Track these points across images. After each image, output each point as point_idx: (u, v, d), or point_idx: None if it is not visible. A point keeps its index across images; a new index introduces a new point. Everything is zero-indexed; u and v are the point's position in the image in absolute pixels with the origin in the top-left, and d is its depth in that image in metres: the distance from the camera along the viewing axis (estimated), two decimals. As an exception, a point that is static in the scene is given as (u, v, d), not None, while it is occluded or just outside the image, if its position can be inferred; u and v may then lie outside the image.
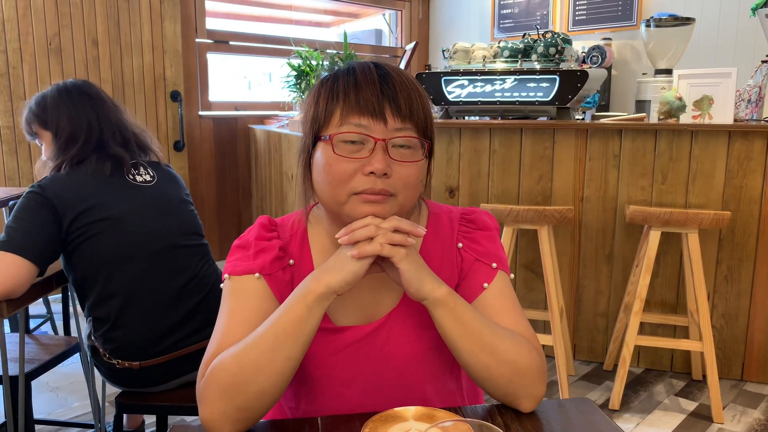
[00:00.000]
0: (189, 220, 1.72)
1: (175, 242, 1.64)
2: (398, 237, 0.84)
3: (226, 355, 0.83)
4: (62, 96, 1.65)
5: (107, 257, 1.55)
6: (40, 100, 1.66)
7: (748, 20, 3.50)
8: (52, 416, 2.29)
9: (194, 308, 1.63)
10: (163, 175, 1.72)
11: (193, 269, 1.65)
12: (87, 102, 1.65)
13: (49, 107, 1.64)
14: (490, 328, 0.87)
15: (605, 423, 0.86)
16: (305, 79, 3.45)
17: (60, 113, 1.63)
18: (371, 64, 0.89)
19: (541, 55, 2.78)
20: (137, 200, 1.61)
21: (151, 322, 1.58)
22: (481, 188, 2.79)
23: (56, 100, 1.64)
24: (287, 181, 3.41)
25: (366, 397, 0.93)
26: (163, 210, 1.65)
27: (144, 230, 1.59)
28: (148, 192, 1.64)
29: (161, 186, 1.69)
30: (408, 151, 0.87)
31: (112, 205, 1.56)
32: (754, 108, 2.68)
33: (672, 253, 2.63)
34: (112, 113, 1.68)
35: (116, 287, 1.56)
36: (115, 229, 1.55)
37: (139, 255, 1.57)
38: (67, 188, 1.53)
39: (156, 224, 1.61)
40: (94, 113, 1.64)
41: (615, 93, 4.18)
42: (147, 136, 1.77)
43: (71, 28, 3.52)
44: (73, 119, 1.62)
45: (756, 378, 2.61)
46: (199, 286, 1.65)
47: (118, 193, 1.59)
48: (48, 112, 1.64)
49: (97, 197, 1.55)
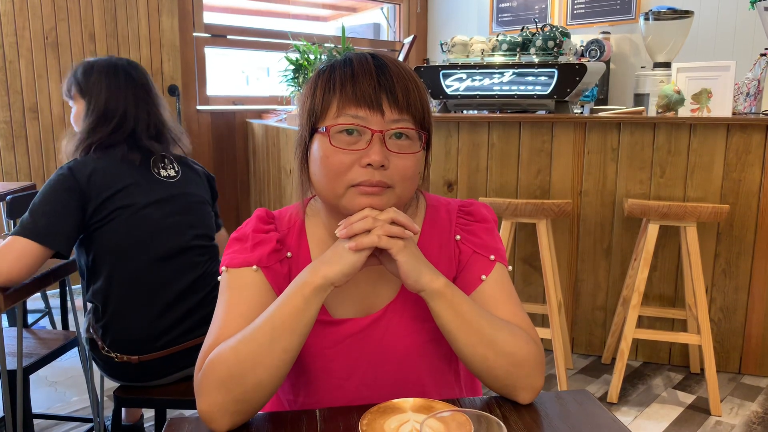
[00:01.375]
0: (204, 222, 1.72)
1: (187, 241, 1.63)
2: (396, 229, 0.84)
3: (223, 347, 0.83)
4: (109, 72, 1.63)
5: (120, 244, 1.55)
6: (88, 67, 1.64)
7: (746, 13, 3.49)
8: (51, 410, 2.29)
9: (196, 305, 1.63)
10: (188, 172, 1.72)
11: (200, 269, 1.65)
12: (130, 87, 1.64)
13: (93, 78, 1.62)
14: (488, 320, 0.87)
15: (603, 415, 0.86)
16: (303, 74, 3.44)
17: (101, 88, 1.61)
18: (368, 55, 0.89)
19: (539, 48, 2.77)
20: (159, 194, 1.61)
21: (153, 317, 1.58)
22: (480, 182, 2.79)
23: (102, 74, 1.63)
24: (285, 176, 3.41)
25: (364, 389, 0.93)
26: (182, 208, 1.65)
27: (160, 224, 1.59)
28: (171, 188, 1.64)
29: (184, 184, 1.68)
30: (405, 142, 0.86)
31: (135, 194, 1.57)
32: (752, 101, 2.67)
33: (670, 246, 2.63)
34: (151, 105, 1.67)
35: (123, 275, 1.56)
36: (133, 218, 1.55)
37: (151, 248, 1.57)
38: (96, 173, 1.53)
39: (172, 221, 1.61)
40: (133, 100, 1.63)
41: (613, 87, 4.17)
42: (181, 132, 1.76)
43: (68, 22, 3.51)
44: (110, 100, 1.61)
45: (753, 371, 2.61)
46: (203, 285, 1.66)
47: (142, 184, 1.59)
48: (90, 82, 1.62)
49: (123, 184, 1.55)
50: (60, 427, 2.20)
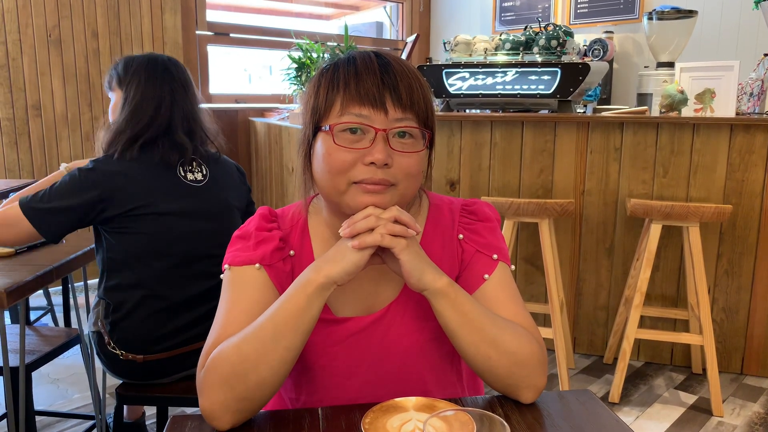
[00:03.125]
0: (228, 229, 1.70)
1: (209, 250, 1.62)
2: (398, 228, 0.84)
3: (226, 345, 0.83)
4: (149, 66, 1.64)
5: (139, 250, 1.55)
6: (129, 60, 1.66)
7: (750, 13, 3.48)
8: (53, 407, 2.30)
9: (208, 312, 1.63)
10: (217, 173, 1.69)
11: (216, 278, 1.64)
12: (167, 81, 1.63)
13: (132, 70, 1.63)
14: (491, 319, 0.87)
15: (606, 415, 0.86)
16: (306, 72, 3.44)
17: (139, 81, 1.62)
18: (372, 53, 0.89)
19: (542, 47, 2.77)
20: (183, 202, 1.59)
21: (164, 320, 1.58)
22: (482, 181, 2.79)
23: (142, 67, 1.63)
24: (288, 174, 3.41)
25: (366, 387, 0.93)
26: (206, 215, 1.63)
27: (184, 232, 1.58)
28: (196, 194, 1.62)
29: (211, 188, 1.66)
30: (409, 141, 0.86)
31: (159, 201, 1.55)
32: (756, 101, 2.67)
33: (673, 246, 2.62)
34: (187, 102, 1.66)
35: (140, 279, 1.56)
36: (154, 225, 1.55)
37: (172, 255, 1.57)
38: (120, 177, 1.52)
39: (195, 229, 1.60)
40: (169, 94, 1.62)
41: (616, 86, 4.17)
42: (217, 132, 1.76)
43: (71, 20, 3.51)
44: (147, 93, 1.61)
45: (756, 372, 2.61)
46: (218, 291, 1.64)
47: (166, 190, 1.57)
48: (129, 74, 1.63)
49: (147, 191, 1.54)
50: (62, 424, 2.20)
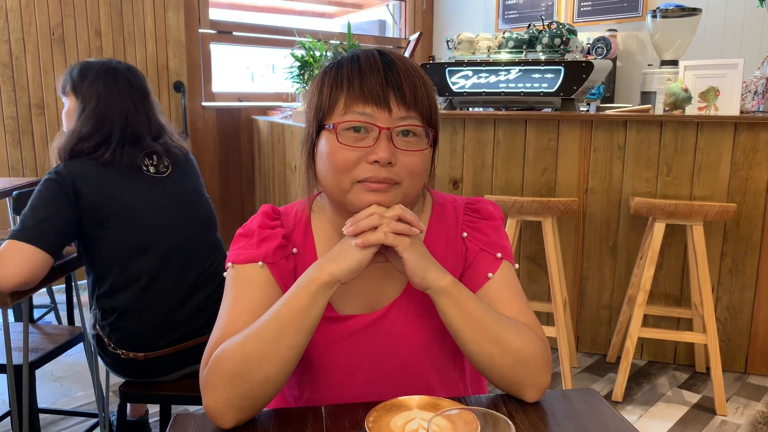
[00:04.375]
0: (204, 213, 1.70)
1: (189, 237, 1.63)
2: (402, 226, 0.83)
3: (229, 344, 0.83)
4: (108, 76, 1.60)
5: (121, 251, 1.54)
6: (85, 67, 1.62)
7: (755, 11, 3.47)
8: (56, 405, 2.30)
9: (203, 303, 1.63)
10: (179, 163, 1.69)
11: (204, 264, 1.65)
12: (128, 92, 1.62)
13: (90, 79, 1.59)
14: (495, 318, 0.87)
15: (610, 413, 0.86)
16: (308, 70, 3.44)
17: (98, 91, 1.58)
18: (375, 51, 0.89)
19: (545, 45, 2.76)
20: (152, 193, 1.59)
21: (160, 316, 1.58)
22: (485, 180, 2.78)
23: (100, 76, 1.60)
24: (290, 172, 3.40)
25: (369, 386, 0.93)
26: (179, 203, 1.64)
27: (159, 224, 1.58)
28: (164, 184, 1.62)
29: (177, 177, 1.66)
30: (413, 139, 0.86)
31: (127, 197, 1.55)
32: (760, 99, 2.66)
33: (676, 245, 2.61)
34: (150, 109, 1.66)
35: (129, 280, 1.56)
36: (130, 223, 1.54)
37: (153, 249, 1.57)
38: (82, 179, 1.51)
39: (171, 219, 1.60)
40: (132, 105, 1.61)
41: (620, 84, 4.15)
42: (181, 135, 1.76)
43: (74, 18, 3.51)
44: (108, 104, 1.58)
45: (759, 371, 2.60)
46: (209, 281, 1.65)
47: (135, 185, 1.57)
48: (85, 83, 1.59)
49: (112, 188, 1.53)
50: (65, 421, 2.20)
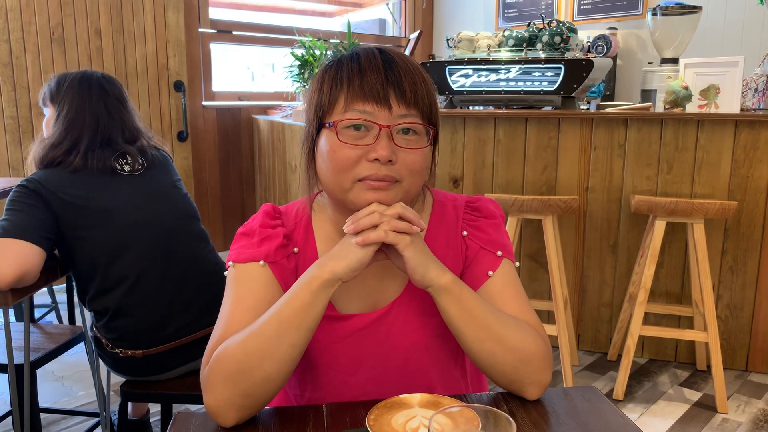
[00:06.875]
0: (181, 204, 1.71)
1: (168, 228, 1.63)
2: (402, 224, 0.84)
3: (231, 342, 0.83)
4: (82, 84, 1.65)
5: (102, 251, 1.55)
6: (62, 78, 1.67)
7: (755, 9, 3.47)
8: (58, 405, 2.31)
9: (194, 294, 1.63)
10: (156, 163, 1.71)
11: (189, 254, 1.65)
12: (102, 98, 1.65)
13: (65, 87, 1.64)
14: (496, 316, 0.87)
15: (611, 411, 0.86)
16: (308, 69, 3.44)
17: (72, 99, 1.63)
18: (375, 49, 0.89)
19: (546, 44, 2.76)
20: (127, 191, 1.60)
21: (152, 311, 1.58)
22: (486, 178, 2.78)
23: (74, 83, 1.65)
24: (291, 172, 3.40)
25: (371, 384, 0.93)
26: (153, 197, 1.65)
27: (136, 220, 1.58)
28: (137, 181, 1.64)
29: (153, 174, 1.68)
30: (413, 137, 0.86)
31: (103, 198, 1.56)
32: (761, 97, 2.65)
33: (677, 243, 2.61)
34: (126, 115, 1.68)
35: (114, 280, 1.56)
36: (107, 223, 1.55)
37: (134, 246, 1.57)
38: (54, 184, 1.52)
39: (147, 213, 1.61)
40: (105, 111, 1.64)
41: (620, 82, 4.15)
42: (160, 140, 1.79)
43: (74, 18, 3.51)
44: (80, 111, 1.61)
45: (760, 368, 2.60)
46: (197, 272, 1.65)
47: (108, 187, 1.58)
48: (61, 92, 1.64)
49: (87, 194, 1.54)
50: (67, 421, 2.21)
